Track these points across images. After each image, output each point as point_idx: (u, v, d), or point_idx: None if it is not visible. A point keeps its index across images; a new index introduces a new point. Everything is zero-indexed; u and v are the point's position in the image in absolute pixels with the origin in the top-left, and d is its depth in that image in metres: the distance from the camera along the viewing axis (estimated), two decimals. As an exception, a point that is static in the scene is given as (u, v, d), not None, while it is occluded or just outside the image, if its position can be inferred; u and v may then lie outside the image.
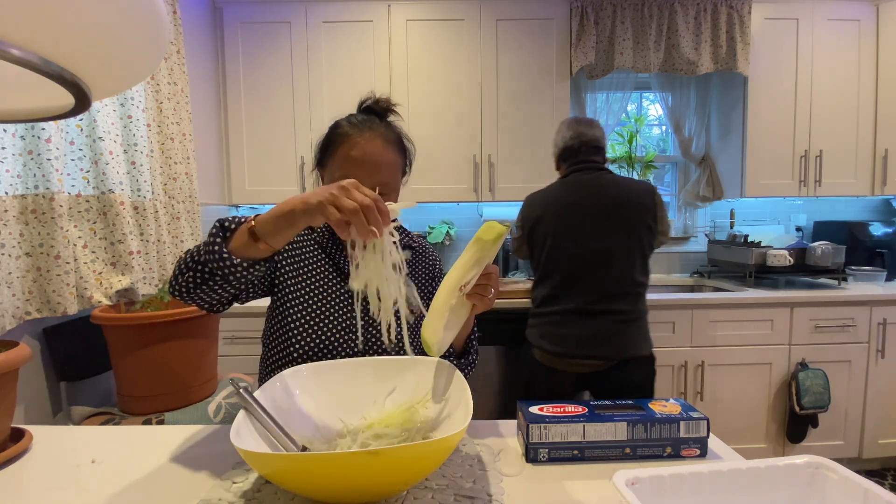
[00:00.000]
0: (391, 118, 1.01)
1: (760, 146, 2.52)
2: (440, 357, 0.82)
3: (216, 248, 0.72)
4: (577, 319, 1.64)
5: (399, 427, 0.75)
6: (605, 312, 1.62)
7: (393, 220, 0.70)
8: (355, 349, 0.94)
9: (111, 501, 0.67)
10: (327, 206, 0.63)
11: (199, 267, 0.75)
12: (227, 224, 0.75)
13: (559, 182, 1.78)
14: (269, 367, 0.97)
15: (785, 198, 2.64)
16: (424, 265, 1.10)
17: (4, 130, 1.31)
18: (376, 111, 0.99)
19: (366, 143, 0.92)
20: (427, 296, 1.08)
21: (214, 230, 0.75)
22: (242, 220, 0.75)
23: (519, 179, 2.49)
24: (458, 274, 0.78)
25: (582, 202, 1.67)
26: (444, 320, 0.78)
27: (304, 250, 1.00)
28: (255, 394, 0.71)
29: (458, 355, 1.01)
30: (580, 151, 1.74)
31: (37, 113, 0.59)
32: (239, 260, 0.72)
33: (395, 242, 0.70)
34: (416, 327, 0.99)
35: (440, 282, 1.07)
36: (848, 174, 2.55)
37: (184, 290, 0.78)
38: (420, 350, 0.96)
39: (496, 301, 2.15)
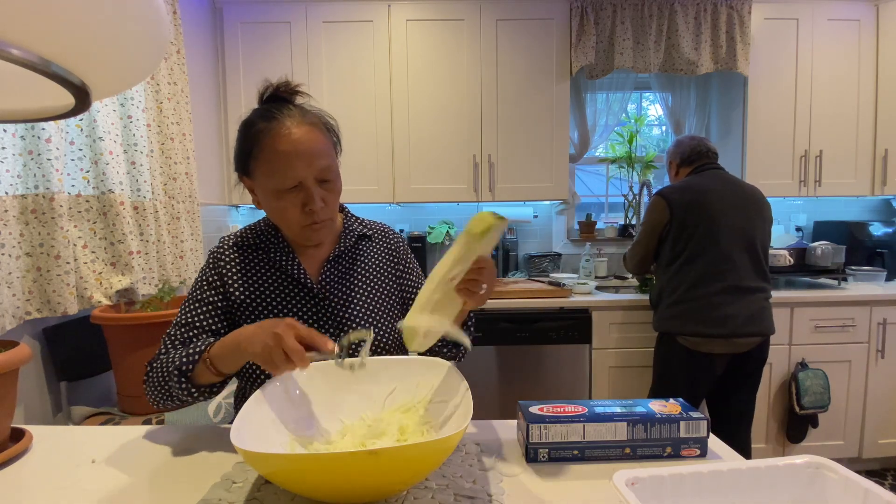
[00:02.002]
0: (300, 100, 0.90)
1: (760, 146, 2.52)
2: (423, 353, 0.81)
3: (185, 391, 0.82)
4: (738, 298, 1.73)
5: (399, 427, 0.75)
6: (758, 290, 1.77)
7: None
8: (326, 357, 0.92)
9: (111, 501, 0.66)
10: (269, 367, 0.71)
11: (171, 397, 0.84)
12: (183, 369, 0.81)
13: (694, 176, 1.91)
14: (243, 390, 0.96)
15: (785, 198, 2.64)
16: (384, 248, 1.04)
17: (4, 130, 1.31)
18: (282, 97, 0.89)
19: (291, 132, 0.82)
20: (393, 277, 1.03)
21: (175, 378, 0.81)
22: (196, 357, 0.81)
23: (519, 179, 2.49)
24: (442, 268, 0.74)
25: (724, 189, 1.81)
26: (425, 315, 0.74)
27: (254, 271, 0.94)
28: (256, 394, 0.71)
29: (453, 344, 0.98)
30: (706, 154, 1.94)
31: (37, 113, 0.59)
32: (202, 389, 0.83)
33: (338, 354, 0.75)
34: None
35: (407, 262, 1.05)
36: (848, 174, 2.55)
37: (158, 404, 0.88)
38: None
39: (496, 301, 2.17)
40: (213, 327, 0.91)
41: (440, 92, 2.44)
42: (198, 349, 0.82)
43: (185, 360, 0.81)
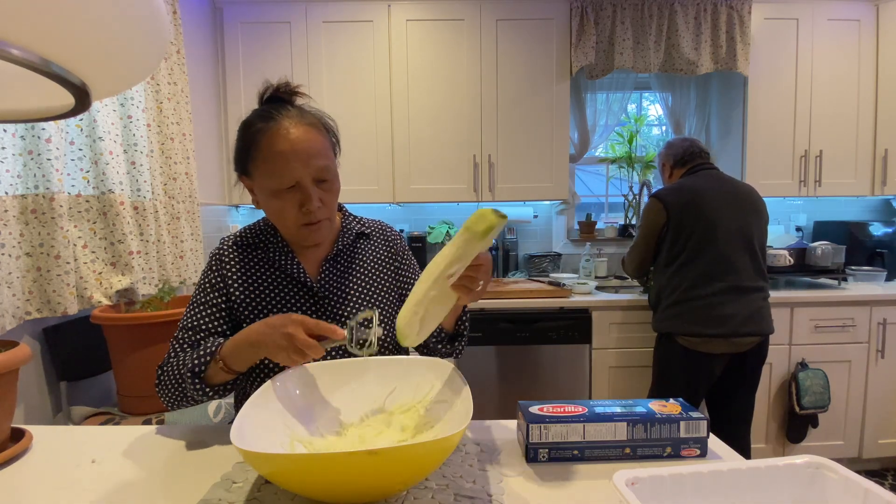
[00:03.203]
0: (300, 101, 0.91)
1: (760, 146, 2.52)
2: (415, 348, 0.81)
3: (199, 391, 0.83)
4: (737, 297, 1.73)
5: (399, 427, 0.75)
6: (756, 289, 1.77)
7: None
8: (327, 356, 0.92)
9: (111, 501, 0.66)
10: (286, 362, 0.77)
11: (185, 397, 0.86)
12: (196, 370, 0.82)
13: (688, 177, 1.90)
14: (243, 390, 0.95)
15: (785, 198, 2.64)
16: (383, 246, 1.04)
17: (4, 130, 1.31)
18: (282, 98, 0.90)
19: (289, 132, 0.83)
20: (392, 275, 1.03)
21: (189, 379, 0.82)
22: (208, 357, 0.82)
23: (519, 179, 2.49)
24: (439, 267, 0.72)
25: (720, 189, 1.82)
26: (420, 314, 0.73)
27: (253, 270, 0.94)
28: (256, 394, 0.71)
29: (449, 339, 0.97)
30: (700, 154, 1.95)
31: (37, 113, 0.59)
32: (216, 388, 0.84)
33: (351, 340, 0.79)
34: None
35: (405, 259, 1.05)
36: (848, 174, 2.55)
37: (172, 406, 0.88)
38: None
39: (496, 301, 2.17)
40: (219, 329, 0.92)
41: (440, 92, 2.44)
42: (209, 350, 0.83)
43: (196, 361, 0.82)
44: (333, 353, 0.92)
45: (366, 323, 0.78)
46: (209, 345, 0.84)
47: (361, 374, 0.82)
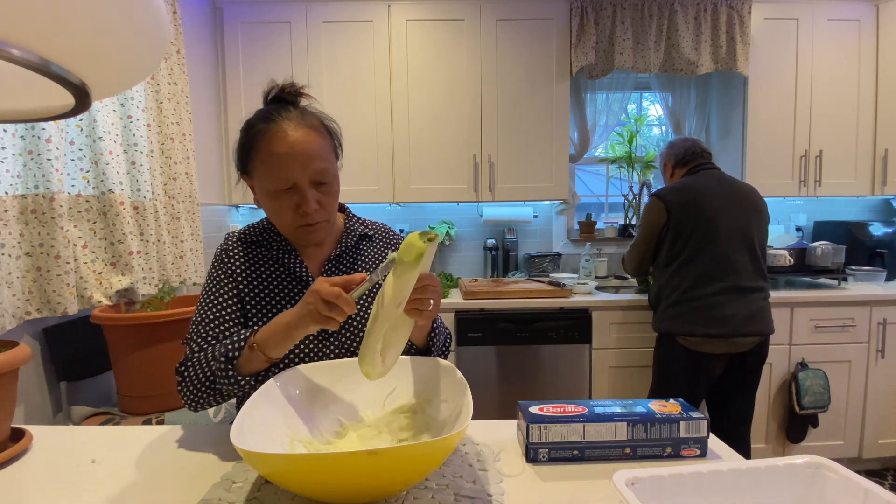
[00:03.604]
0: (304, 102, 0.92)
1: (760, 146, 2.52)
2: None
3: (232, 380, 0.80)
4: (737, 297, 1.73)
5: (399, 427, 0.75)
6: (757, 289, 1.77)
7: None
8: (329, 355, 0.92)
9: (111, 501, 0.66)
10: (323, 322, 0.74)
11: (213, 392, 0.83)
12: (230, 355, 0.81)
13: (689, 176, 1.90)
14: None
15: (785, 198, 2.64)
16: (385, 248, 1.05)
17: (4, 130, 1.31)
18: (286, 99, 0.90)
19: (288, 134, 0.83)
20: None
21: (223, 367, 0.80)
22: (242, 343, 0.81)
23: (519, 179, 2.49)
24: (384, 303, 0.72)
25: (721, 189, 1.82)
26: (378, 349, 0.74)
27: (258, 266, 0.95)
28: (256, 394, 0.71)
29: (422, 354, 0.95)
30: (701, 154, 1.95)
31: (37, 113, 0.59)
32: (249, 379, 0.82)
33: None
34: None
35: None
36: (848, 174, 2.55)
37: (198, 405, 0.85)
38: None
39: (496, 301, 2.17)
40: (236, 318, 0.91)
41: (440, 92, 2.44)
42: (243, 336, 0.82)
43: (230, 347, 0.81)
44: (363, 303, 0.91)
45: (387, 266, 0.76)
46: (242, 332, 0.83)
47: (361, 374, 0.82)
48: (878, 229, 2.61)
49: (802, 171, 2.53)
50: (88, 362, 1.60)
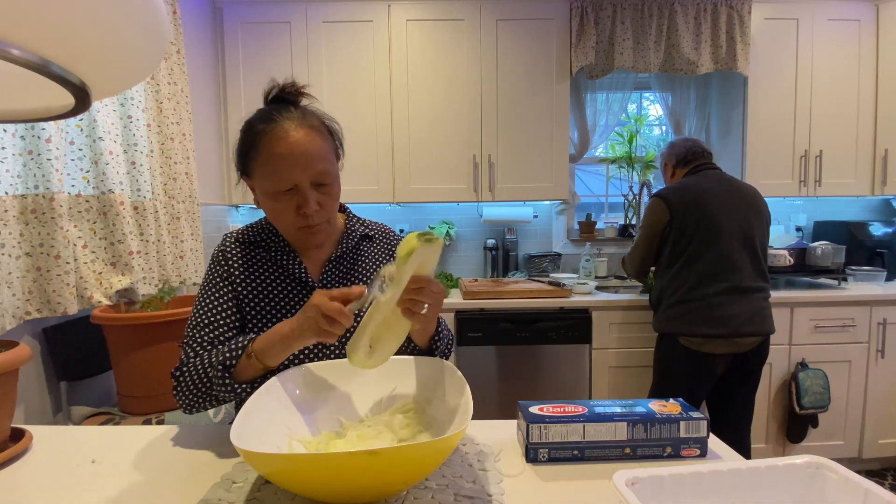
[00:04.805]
0: (305, 102, 0.91)
1: (760, 146, 2.52)
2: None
3: (228, 387, 0.81)
4: (739, 298, 1.73)
5: (399, 427, 0.75)
6: (758, 290, 1.77)
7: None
8: (329, 356, 0.92)
9: (111, 501, 0.66)
10: (322, 336, 0.75)
11: (209, 396, 0.84)
12: (227, 364, 0.81)
13: (690, 176, 1.90)
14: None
15: (785, 198, 2.64)
16: (385, 249, 1.05)
17: (4, 130, 1.31)
18: (286, 99, 0.89)
19: (289, 135, 0.83)
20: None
21: (219, 373, 0.81)
22: (240, 351, 0.82)
23: (519, 179, 2.49)
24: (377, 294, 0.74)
25: (722, 189, 1.82)
26: (364, 337, 0.75)
27: (256, 267, 0.94)
28: (256, 393, 0.71)
29: (422, 354, 0.95)
30: (702, 154, 1.95)
31: (37, 113, 0.59)
32: (246, 386, 0.83)
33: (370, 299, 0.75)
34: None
35: None
36: (848, 174, 2.55)
37: (193, 409, 0.86)
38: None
39: (496, 301, 2.17)
40: (232, 323, 0.91)
41: (440, 92, 2.44)
42: (240, 344, 0.82)
43: (228, 355, 0.82)
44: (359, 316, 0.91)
45: (383, 278, 0.76)
46: (239, 340, 0.83)
47: (361, 373, 0.82)
48: (878, 229, 2.61)
49: (802, 171, 2.53)
50: (88, 362, 1.60)
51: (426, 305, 0.77)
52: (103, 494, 0.68)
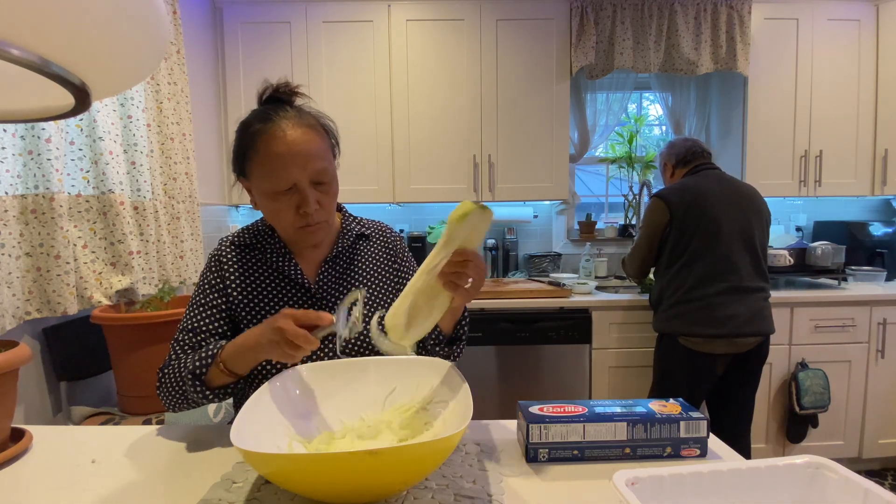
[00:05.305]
0: (299, 101, 0.91)
1: (760, 146, 2.52)
2: (413, 347, 0.81)
3: (200, 394, 0.83)
4: (739, 298, 1.73)
5: (399, 427, 0.75)
6: (758, 290, 1.78)
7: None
8: (329, 354, 0.92)
9: (111, 501, 0.66)
10: (284, 358, 0.75)
11: (186, 400, 0.86)
12: (197, 373, 0.82)
13: (690, 177, 1.90)
14: (243, 390, 0.93)
15: (785, 198, 2.64)
16: (382, 247, 1.04)
17: (4, 130, 1.31)
18: (281, 98, 0.89)
19: (286, 134, 0.82)
20: (391, 276, 1.02)
21: (190, 382, 0.82)
22: (209, 360, 0.82)
23: (519, 179, 2.49)
24: (427, 258, 0.74)
25: (722, 189, 1.82)
26: (405, 304, 0.74)
27: (252, 271, 0.94)
28: (256, 393, 0.71)
29: (447, 342, 0.95)
30: (702, 154, 1.95)
31: (37, 113, 0.59)
32: (216, 391, 0.84)
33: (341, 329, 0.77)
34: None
35: (405, 260, 1.05)
36: (848, 174, 2.55)
37: (174, 408, 0.88)
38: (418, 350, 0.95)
39: (496, 301, 2.17)
40: (219, 330, 0.91)
41: (440, 92, 2.44)
42: (210, 353, 0.83)
43: (198, 363, 0.82)
44: (327, 342, 0.92)
45: (354, 305, 0.77)
46: (210, 347, 0.84)
47: (361, 374, 0.82)
48: (878, 229, 2.61)
49: (802, 171, 2.53)
50: (88, 362, 1.60)
51: (470, 280, 0.77)
52: (103, 494, 0.68)
